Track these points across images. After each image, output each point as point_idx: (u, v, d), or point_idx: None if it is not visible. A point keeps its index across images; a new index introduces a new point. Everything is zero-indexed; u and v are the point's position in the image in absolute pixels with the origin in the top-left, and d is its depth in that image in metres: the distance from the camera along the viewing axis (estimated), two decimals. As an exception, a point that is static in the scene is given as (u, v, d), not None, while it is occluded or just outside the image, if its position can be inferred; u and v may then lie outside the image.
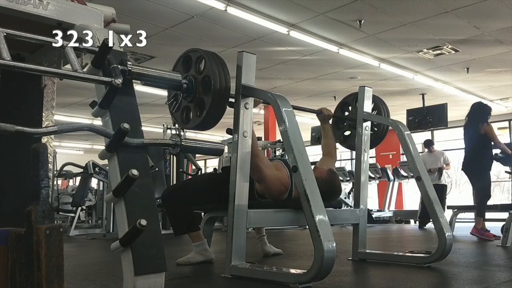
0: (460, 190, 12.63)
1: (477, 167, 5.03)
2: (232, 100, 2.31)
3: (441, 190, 7.56)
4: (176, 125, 6.60)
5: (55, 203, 7.31)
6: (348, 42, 6.93)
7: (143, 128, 1.54)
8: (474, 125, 5.06)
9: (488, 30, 6.45)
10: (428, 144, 7.85)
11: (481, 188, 4.99)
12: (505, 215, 4.55)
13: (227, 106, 2.22)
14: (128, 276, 1.33)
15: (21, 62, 1.36)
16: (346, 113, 3.25)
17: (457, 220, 5.72)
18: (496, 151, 5.12)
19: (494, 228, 5.13)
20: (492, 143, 5.00)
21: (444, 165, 7.67)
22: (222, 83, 2.10)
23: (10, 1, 1.51)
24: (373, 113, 3.09)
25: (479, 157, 5.01)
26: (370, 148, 3.07)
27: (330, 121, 3.15)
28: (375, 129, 3.14)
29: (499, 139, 5.05)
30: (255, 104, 2.39)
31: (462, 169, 5.30)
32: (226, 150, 7.63)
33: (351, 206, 7.82)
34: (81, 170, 7.07)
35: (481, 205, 4.93)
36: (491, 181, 5.05)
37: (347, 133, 3.25)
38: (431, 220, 6.04)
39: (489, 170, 5.03)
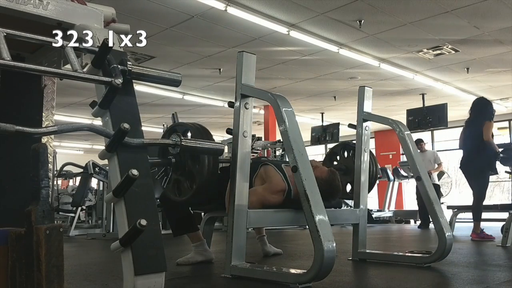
0: (460, 190, 12.62)
1: (476, 167, 4.83)
2: (232, 100, 2.32)
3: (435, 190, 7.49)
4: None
5: (55, 203, 7.30)
6: (348, 42, 6.93)
7: (143, 128, 1.54)
8: (478, 123, 4.81)
9: (488, 30, 6.44)
10: (417, 142, 7.60)
11: (478, 190, 4.80)
12: (505, 215, 4.55)
13: (227, 106, 2.23)
14: (128, 276, 1.33)
15: (21, 62, 1.36)
16: (335, 163, 3.28)
17: (457, 220, 5.73)
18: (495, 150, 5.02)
19: (494, 228, 5.13)
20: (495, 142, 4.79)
21: (436, 165, 7.58)
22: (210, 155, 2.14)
23: (10, 1, 1.51)
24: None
25: (479, 157, 4.79)
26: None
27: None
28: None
29: (492, 139, 4.77)
30: None
31: (460, 167, 5.12)
32: (226, 150, 7.63)
33: (351, 206, 7.81)
34: (81, 170, 7.07)
35: (477, 208, 4.76)
36: (488, 183, 4.86)
37: None
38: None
39: (489, 171, 4.81)
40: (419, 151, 7.66)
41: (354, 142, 3.09)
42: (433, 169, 7.54)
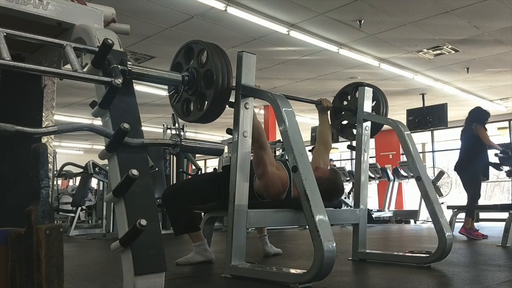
0: (460, 190, 12.61)
1: (470, 170, 5.10)
2: (232, 99, 2.31)
3: None
4: (176, 125, 6.60)
5: (55, 203, 7.30)
6: (348, 42, 6.93)
7: (143, 128, 1.54)
8: (470, 129, 5.15)
9: (488, 30, 6.45)
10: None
11: (474, 191, 5.06)
12: (505, 215, 4.55)
13: (227, 106, 2.22)
14: (128, 276, 1.33)
15: (21, 62, 1.36)
16: (345, 103, 3.25)
17: (457, 220, 5.72)
18: (495, 151, 5.14)
19: (495, 228, 5.13)
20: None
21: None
22: (225, 78, 2.06)
23: (10, 1, 1.51)
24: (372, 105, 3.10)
25: (473, 163, 5.09)
26: (371, 136, 3.07)
27: (329, 112, 3.16)
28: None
29: (489, 139, 5.08)
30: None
31: (454, 169, 5.37)
32: (226, 150, 7.63)
33: (351, 206, 7.81)
34: (81, 170, 7.07)
35: (472, 205, 5.01)
36: (481, 184, 5.15)
37: (344, 122, 3.25)
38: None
39: (481, 176, 5.11)
40: None
41: (368, 83, 3.09)
42: None
